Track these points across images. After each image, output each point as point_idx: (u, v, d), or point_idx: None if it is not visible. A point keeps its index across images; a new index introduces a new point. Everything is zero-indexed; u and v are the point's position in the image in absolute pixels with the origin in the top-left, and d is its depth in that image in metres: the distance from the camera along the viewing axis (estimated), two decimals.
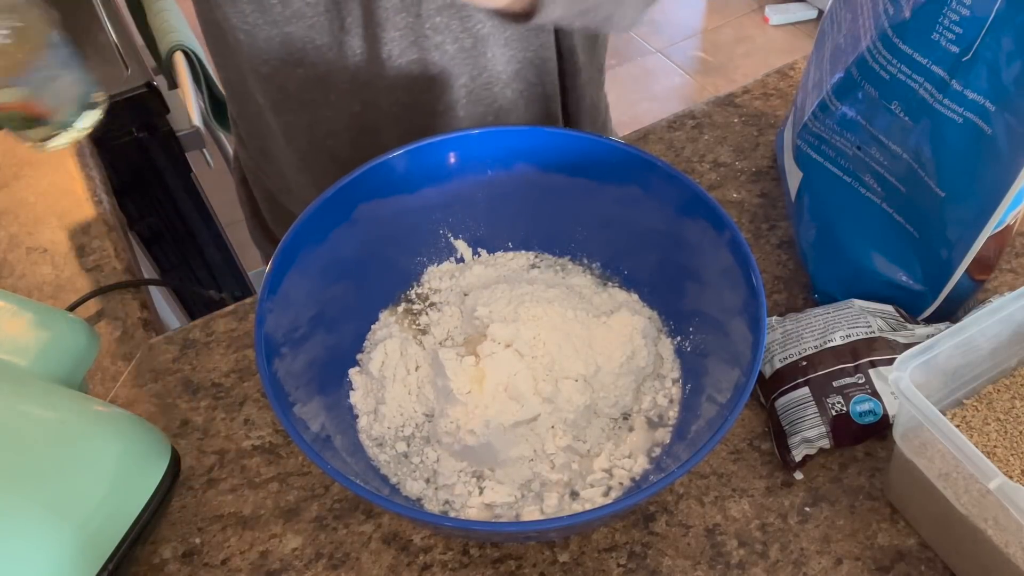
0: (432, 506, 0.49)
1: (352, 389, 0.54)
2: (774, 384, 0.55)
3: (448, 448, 0.51)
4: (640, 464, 0.50)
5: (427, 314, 0.58)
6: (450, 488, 0.50)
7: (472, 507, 0.49)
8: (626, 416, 0.53)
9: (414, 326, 0.58)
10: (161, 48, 1.12)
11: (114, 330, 0.64)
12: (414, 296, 0.60)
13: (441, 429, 0.51)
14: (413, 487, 0.50)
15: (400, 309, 0.59)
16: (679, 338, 0.56)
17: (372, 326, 0.58)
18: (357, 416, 0.53)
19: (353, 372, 0.55)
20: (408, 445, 0.52)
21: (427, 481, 0.51)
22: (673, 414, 0.53)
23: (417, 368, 0.54)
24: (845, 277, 0.59)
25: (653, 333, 0.56)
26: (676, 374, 0.55)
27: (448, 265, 0.61)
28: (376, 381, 0.54)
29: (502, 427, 0.49)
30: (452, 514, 0.49)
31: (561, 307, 0.54)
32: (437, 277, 0.60)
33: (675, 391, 0.54)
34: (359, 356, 0.56)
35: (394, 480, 0.50)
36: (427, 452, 0.51)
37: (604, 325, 0.54)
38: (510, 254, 0.61)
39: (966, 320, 0.48)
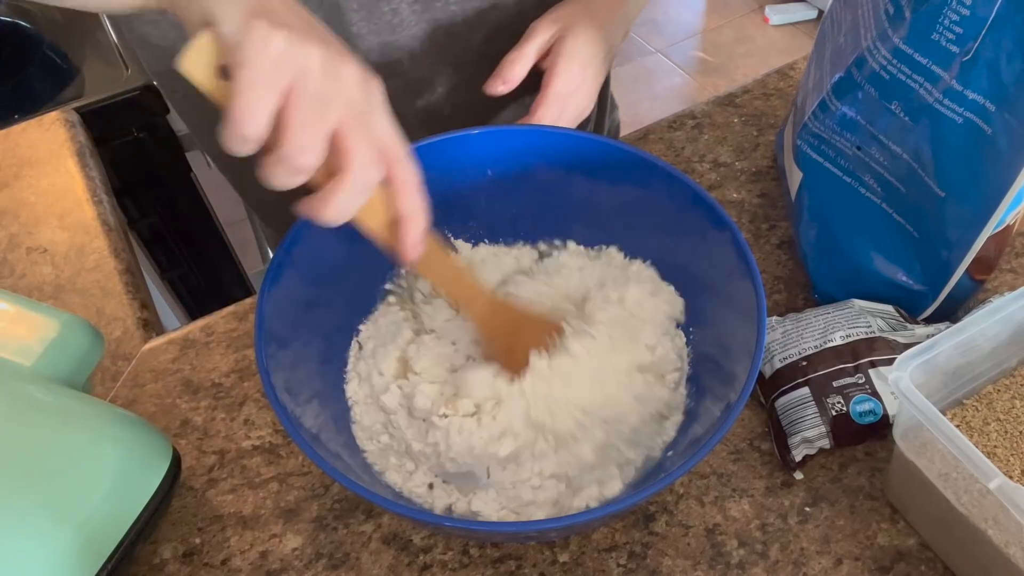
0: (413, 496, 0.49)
1: (347, 383, 0.54)
2: (774, 384, 0.55)
3: (427, 464, 0.50)
4: (633, 470, 0.50)
5: (431, 304, 0.58)
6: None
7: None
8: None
9: (414, 323, 0.57)
10: None
11: (114, 330, 0.64)
12: (417, 292, 0.59)
13: (430, 441, 0.50)
14: (394, 477, 0.50)
15: (395, 304, 0.58)
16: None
17: (366, 320, 0.57)
18: (351, 408, 0.53)
19: (349, 371, 0.55)
20: (392, 438, 0.52)
21: (409, 473, 0.50)
22: (677, 417, 0.53)
23: (414, 368, 0.54)
24: (845, 277, 0.59)
25: (671, 329, 0.55)
26: (685, 370, 0.54)
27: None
28: (367, 381, 0.54)
29: (488, 456, 0.49)
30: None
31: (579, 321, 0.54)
32: None
33: (682, 391, 0.54)
34: (352, 350, 0.56)
35: (377, 469, 0.50)
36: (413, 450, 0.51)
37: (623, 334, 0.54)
38: (516, 248, 0.61)
39: (966, 320, 0.48)
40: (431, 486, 0.50)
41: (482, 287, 0.53)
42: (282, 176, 0.38)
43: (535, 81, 0.61)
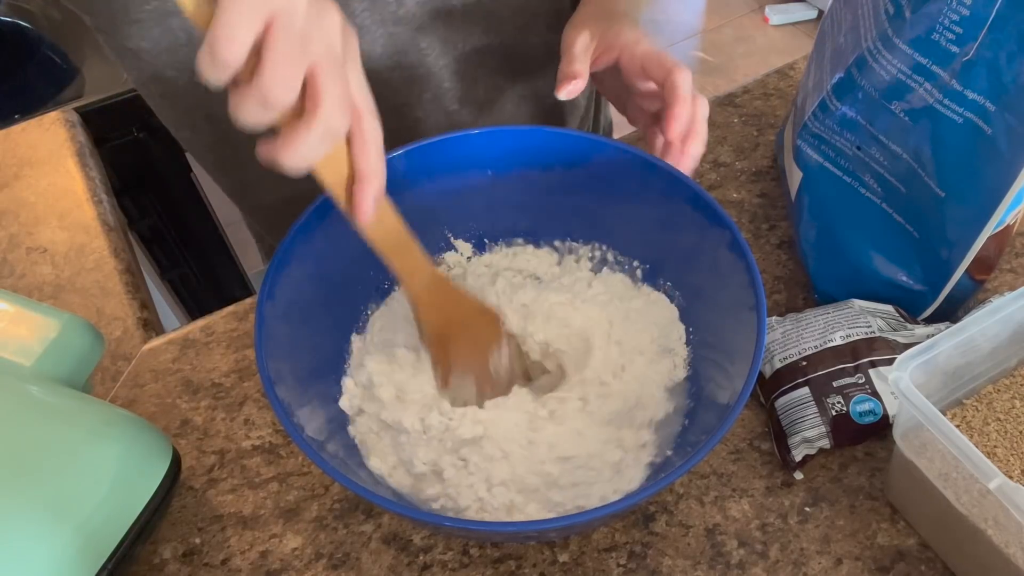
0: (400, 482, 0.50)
1: (346, 382, 0.54)
2: (774, 384, 0.55)
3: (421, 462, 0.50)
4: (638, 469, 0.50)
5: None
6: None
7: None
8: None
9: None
10: None
11: (114, 330, 0.64)
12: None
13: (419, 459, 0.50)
14: (377, 464, 0.50)
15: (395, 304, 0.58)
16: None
17: (366, 319, 0.57)
18: (350, 407, 0.53)
19: (348, 369, 0.55)
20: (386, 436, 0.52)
21: (393, 468, 0.50)
22: (677, 417, 0.52)
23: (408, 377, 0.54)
24: (845, 277, 0.59)
25: (671, 332, 0.55)
26: (685, 370, 0.54)
27: (452, 256, 0.61)
28: (364, 380, 0.54)
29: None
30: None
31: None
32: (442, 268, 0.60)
33: (681, 391, 0.54)
34: (352, 349, 0.56)
35: (372, 466, 0.50)
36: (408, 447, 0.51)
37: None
38: (529, 247, 0.61)
39: (966, 320, 0.48)
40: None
41: (428, 262, 0.51)
42: (254, 109, 0.36)
43: (531, 74, 0.60)
